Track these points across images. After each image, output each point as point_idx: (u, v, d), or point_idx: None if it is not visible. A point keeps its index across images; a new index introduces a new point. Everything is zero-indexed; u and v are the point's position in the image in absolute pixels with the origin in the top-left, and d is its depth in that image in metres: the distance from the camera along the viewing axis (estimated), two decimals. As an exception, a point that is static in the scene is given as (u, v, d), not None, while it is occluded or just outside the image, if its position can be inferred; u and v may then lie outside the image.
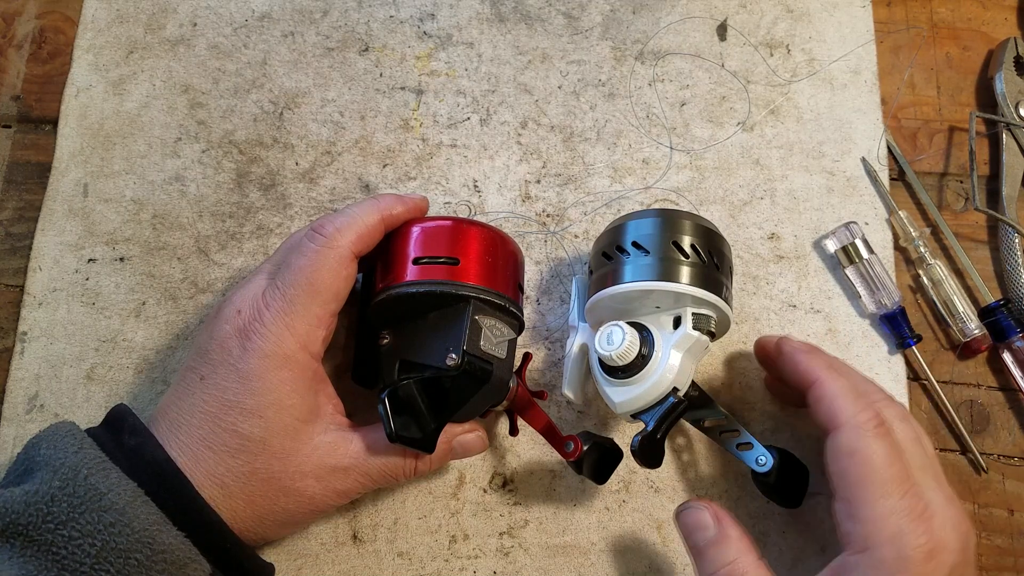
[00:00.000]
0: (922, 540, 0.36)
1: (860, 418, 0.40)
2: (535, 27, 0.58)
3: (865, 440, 0.39)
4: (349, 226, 0.42)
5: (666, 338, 0.44)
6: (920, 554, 0.36)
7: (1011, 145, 0.56)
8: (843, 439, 0.40)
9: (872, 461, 0.38)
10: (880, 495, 0.38)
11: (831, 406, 0.41)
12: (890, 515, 0.37)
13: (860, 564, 0.37)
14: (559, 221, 0.54)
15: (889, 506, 0.37)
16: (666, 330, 0.44)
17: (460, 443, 0.45)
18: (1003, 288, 0.54)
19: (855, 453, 0.39)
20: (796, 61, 0.57)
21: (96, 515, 0.35)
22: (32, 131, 0.55)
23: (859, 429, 0.39)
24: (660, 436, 0.43)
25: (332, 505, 0.42)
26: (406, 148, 0.55)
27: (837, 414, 0.40)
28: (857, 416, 0.40)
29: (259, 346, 0.40)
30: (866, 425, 0.39)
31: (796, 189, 0.54)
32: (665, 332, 0.44)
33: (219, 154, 0.54)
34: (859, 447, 0.39)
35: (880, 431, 0.39)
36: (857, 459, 0.39)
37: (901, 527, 0.37)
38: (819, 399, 0.42)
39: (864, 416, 0.40)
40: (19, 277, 0.52)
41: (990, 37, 0.59)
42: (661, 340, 0.44)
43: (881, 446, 0.39)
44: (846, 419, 0.40)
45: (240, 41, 0.57)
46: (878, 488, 0.38)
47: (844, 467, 0.39)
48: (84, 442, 0.37)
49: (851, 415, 0.40)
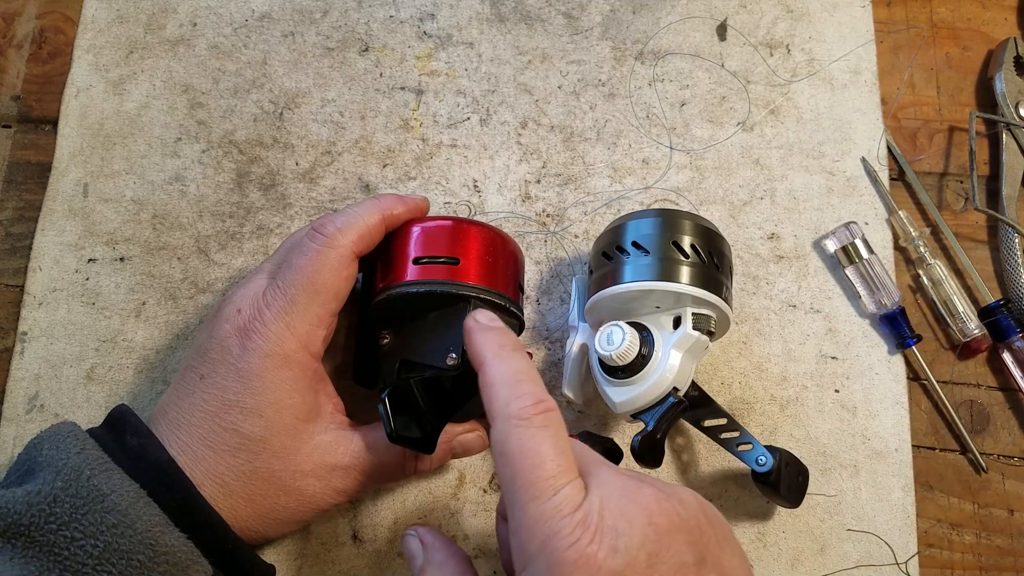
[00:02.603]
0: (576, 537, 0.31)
1: (511, 408, 0.33)
2: (535, 27, 0.58)
3: (515, 434, 0.33)
4: (350, 226, 0.42)
5: (666, 338, 0.44)
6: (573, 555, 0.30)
7: (1011, 145, 0.56)
8: (495, 436, 0.33)
9: (522, 458, 0.32)
10: (531, 497, 0.32)
11: (487, 397, 0.35)
12: (541, 519, 0.31)
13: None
14: (559, 221, 0.54)
15: (540, 509, 0.31)
16: (666, 330, 0.44)
17: (460, 443, 0.45)
18: (1003, 288, 0.54)
19: (504, 453, 0.33)
20: (796, 61, 0.57)
21: (99, 516, 0.35)
22: (32, 131, 0.55)
23: (509, 420, 0.33)
24: (660, 436, 0.43)
25: (332, 504, 0.42)
26: (406, 148, 0.55)
27: (490, 405, 0.34)
28: (508, 406, 0.33)
29: (259, 345, 0.40)
30: (519, 414, 0.33)
31: (796, 189, 0.54)
32: (665, 332, 0.44)
33: (219, 154, 0.54)
34: (509, 443, 0.33)
35: (538, 421, 0.33)
36: (507, 459, 0.33)
37: (551, 530, 0.31)
38: (481, 387, 0.35)
39: (516, 405, 0.33)
40: (19, 277, 0.52)
41: (990, 37, 0.59)
42: (661, 340, 0.44)
43: (534, 439, 0.33)
44: (497, 410, 0.34)
45: (240, 41, 0.57)
46: (530, 490, 0.32)
47: (499, 471, 0.33)
48: (86, 443, 0.37)
49: (502, 405, 0.34)
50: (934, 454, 0.51)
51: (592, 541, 0.31)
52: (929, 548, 0.49)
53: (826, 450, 0.49)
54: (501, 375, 0.35)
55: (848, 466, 0.49)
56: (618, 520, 0.31)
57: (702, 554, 0.32)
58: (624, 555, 0.31)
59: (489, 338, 0.37)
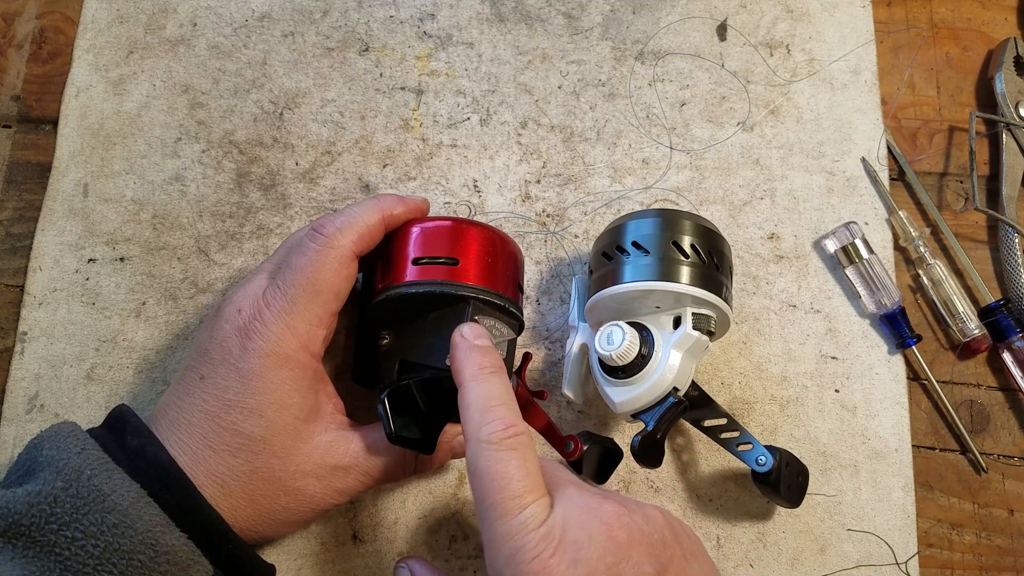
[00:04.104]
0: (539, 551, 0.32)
1: (482, 432, 0.35)
2: (535, 27, 0.58)
3: (484, 457, 0.35)
4: (350, 226, 0.42)
5: (666, 338, 0.44)
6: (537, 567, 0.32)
7: (1011, 145, 0.56)
8: (468, 457, 0.35)
9: (490, 480, 0.34)
10: (498, 516, 0.33)
11: (463, 418, 0.37)
12: (508, 535, 0.33)
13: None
14: (559, 221, 0.54)
15: (507, 526, 0.33)
16: (666, 330, 0.44)
17: (460, 443, 0.45)
18: (1003, 288, 0.54)
19: (475, 473, 0.35)
20: (796, 61, 0.57)
21: (99, 516, 0.35)
22: (32, 131, 0.55)
23: (480, 444, 0.35)
24: (660, 436, 0.43)
25: (333, 504, 0.42)
26: (406, 148, 0.55)
27: (464, 427, 0.36)
28: (480, 430, 0.35)
29: (260, 345, 0.40)
30: (489, 439, 0.35)
31: (796, 189, 0.54)
32: (665, 332, 0.44)
33: (219, 154, 0.54)
34: (479, 465, 0.35)
35: (506, 445, 0.35)
36: (477, 479, 0.35)
37: (516, 545, 0.33)
38: (459, 407, 0.37)
39: (488, 430, 0.35)
40: (19, 277, 0.52)
41: (990, 37, 0.59)
42: (661, 340, 0.44)
43: (502, 462, 0.34)
44: (470, 433, 0.36)
45: (240, 41, 0.57)
46: (497, 508, 0.34)
47: (472, 489, 0.35)
48: (87, 443, 0.37)
49: (475, 428, 0.36)
50: (934, 454, 0.51)
51: (554, 554, 0.33)
52: (929, 548, 0.49)
53: (826, 450, 0.49)
54: (476, 399, 0.37)
55: (848, 466, 0.49)
56: (579, 534, 0.33)
57: (664, 566, 0.34)
58: (584, 566, 0.33)
59: (471, 358, 0.38)
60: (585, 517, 0.34)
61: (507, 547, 0.33)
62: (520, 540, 0.33)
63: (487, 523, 0.34)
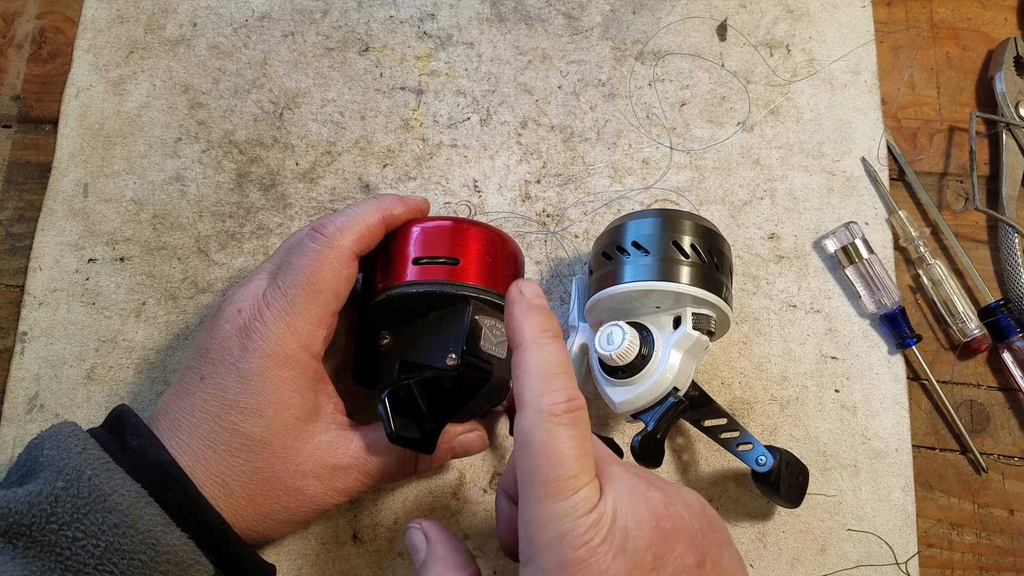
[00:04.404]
0: (589, 537, 0.31)
1: (543, 401, 0.33)
2: (535, 27, 0.58)
3: (542, 428, 0.33)
4: (350, 226, 0.42)
5: (666, 338, 0.44)
6: (585, 553, 0.31)
7: (1011, 145, 0.56)
8: (521, 424, 0.33)
9: (546, 455, 0.32)
10: (549, 494, 0.32)
11: (519, 383, 0.34)
12: (556, 516, 0.32)
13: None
14: (559, 221, 0.54)
15: (557, 507, 0.32)
16: (666, 330, 0.44)
17: (460, 443, 0.45)
18: (1003, 288, 0.54)
19: (528, 444, 0.33)
20: (796, 61, 0.57)
21: (100, 516, 0.35)
22: (32, 131, 0.55)
23: (539, 414, 0.33)
24: (660, 436, 0.43)
25: (333, 504, 0.42)
26: (406, 148, 0.55)
27: (521, 393, 0.34)
28: (541, 399, 0.33)
29: (260, 346, 0.40)
30: (550, 410, 0.33)
31: (796, 189, 0.54)
32: (665, 332, 0.44)
33: (219, 154, 0.54)
34: (534, 436, 0.33)
35: (566, 419, 0.33)
36: (530, 451, 0.33)
37: (564, 528, 0.31)
38: (514, 369, 0.35)
39: (549, 400, 0.33)
40: (19, 277, 0.52)
41: (990, 37, 0.59)
42: (661, 340, 0.44)
43: (560, 438, 0.32)
44: (528, 400, 0.33)
45: (240, 41, 0.57)
46: (549, 487, 0.32)
47: (519, 459, 0.33)
48: (87, 443, 0.37)
49: (534, 396, 0.33)
50: (934, 454, 0.51)
51: (603, 542, 0.32)
52: (929, 548, 0.49)
53: (826, 450, 0.49)
54: (538, 364, 0.34)
55: (848, 466, 0.49)
56: (628, 522, 0.32)
57: (703, 556, 0.33)
58: (631, 556, 0.32)
59: (532, 319, 0.35)
60: (635, 504, 0.33)
61: (553, 529, 0.32)
62: (569, 524, 0.31)
63: (534, 499, 0.32)
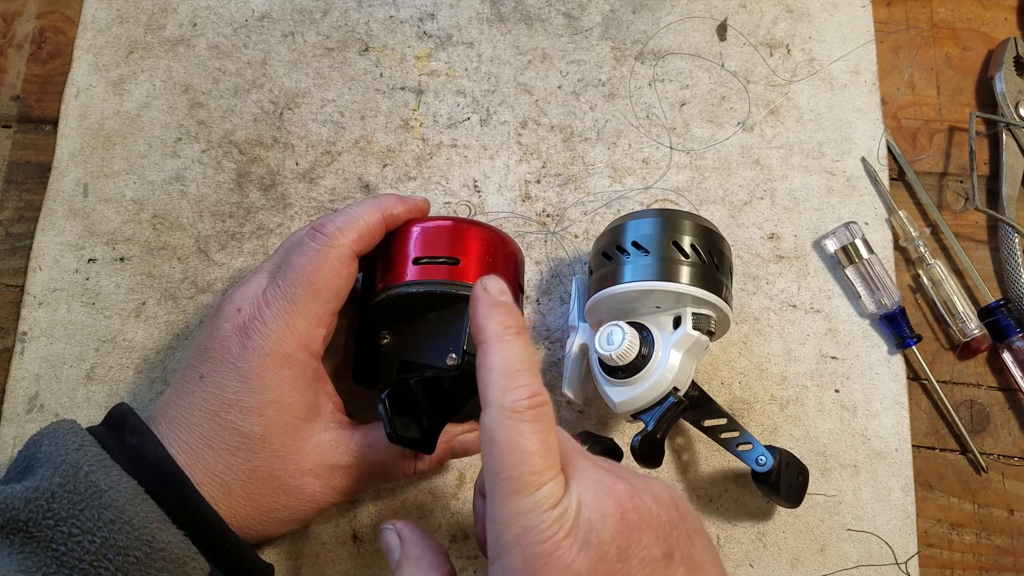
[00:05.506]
0: (553, 532, 0.31)
1: (506, 399, 0.33)
2: (535, 27, 0.58)
3: (505, 426, 0.33)
4: (350, 225, 0.42)
5: (666, 338, 0.44)
6: (549, 548, 0.31)
7: (1011, 145, 0.56)
8: (485, 423, 0.33)
9: (509, 452, 0.32)
10: (513, 491, 0.32)
11: (482, 381, 0.34)
12: (521, 512, 0.32)
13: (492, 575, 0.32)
14: (559, 221, 0.54)
15: (521, 503, 0.32)
16: (666, 330, 0.44)
17: (460, 443, 0.45)
18: (1003, 288, 0.54)
19: (492, 442, 0.33)
20: (796, 61, 0.57)
21: (96, 512, 0.35)
22: (32, 131, 0.55)
23: (502, 411, 0.33)
24: (660, 436, 0.43)
25: (332, 503, 0.42)
26: (406, 148, 0.55)
27: (485, 391, 0.34)
28: (503, 396, 0.33)
29: (259, 344, 0.40)
30: (512, 407, 0.33)
31: (796, 189, 0.54)
32: (665, 332, 0.44)
33: (219, 154, 0.54)
34: (498, 434, 0.33)
35: (529, 415, 0.33)
36: (494, 449, 0.33)
37: (529, 524, 0.32)
38: (478, 367, 0.35)
39: (511, 397, 0.33)
40: (19, 277, 0.52)
41: (990, 37, 0.59)
42: (661, 340, 0.44)
43: (523, 434, 0.33)
44: (491, 398, 0.34)
45: (240, 41, 0.57)
46: (513, 484, 0.32)
47: (484, 457, 0.33)
48: (85, 440, 0.37)
49: (497, 394, 0.33)
50: (934, 454, 0.51)
51: (568, 535, 0.32)
52: (929, 548, 0.49)
53: (826, 450, 0.49)
54: (501, 361, 0.34)
55: (848, 466, 0.49)
56: (593, 515, 0.32)
57: (671, 548, 0.33)
58: (596, 549, 0.32)
59: (495, 315, 0.36)
60: (599, 497, 0.33)
61: (519, 525, 0.32)
62: (534, 519, 0.32)
63: (500, 497, 0.32)
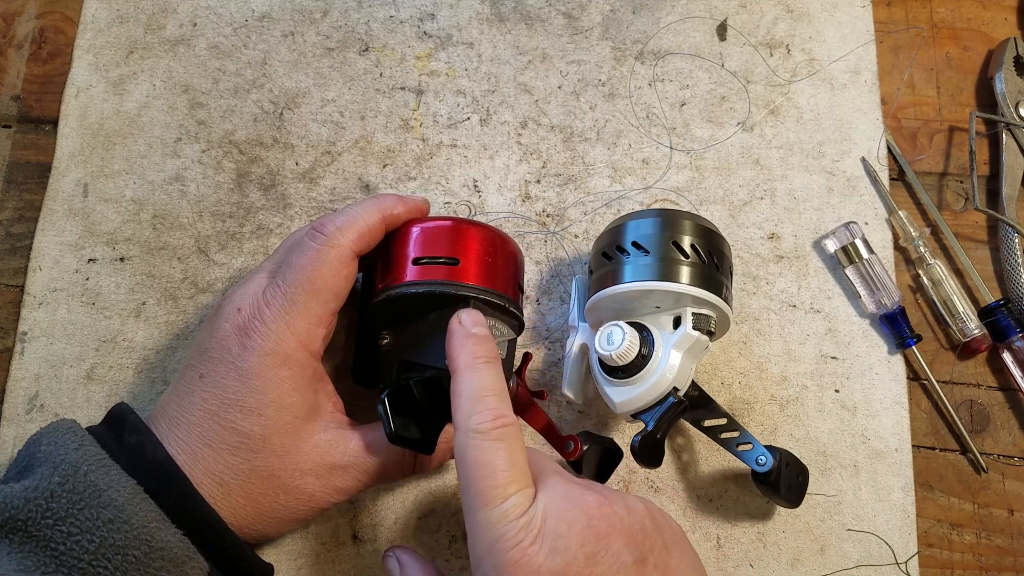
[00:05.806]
0: (519, 539, 0.33)
1: (471, 421, 0.36)
2: (535, 27, 0.58)
3: (472, 445, 0.35)
4: (350, 225, 0.42)
5: (666, 338, 0.44)
6: (516, 555, 0.33)
7: (1011, 145, 0.56)
8: (455, 445, 0.36)
9: (476, 469, 0.35)
10: (482, 504, 0.34)
11: (453, 406, 0.37)
12: (489, 524, 0.34)
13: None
14: (559, 221, 0.54)
15: (489, 515, 0.34)
16: (666, 330, 0.44)
17: (460, 443, 0.45)
18: (1003, 288, 0.54)
19: (462, 462, 0.36)
20: (796, 61, 0.57)
21: (95, 511, 0.35)
22: (32, 131, 0.55)
23: (468, 433, 0.36)
24: (660, 436, 0.43)
25: (332, 502, 0.42)
26: (406, 148, 0.55)
27: (455, 415, 0.37)
28: (469, 419, 0.36)
29: (259, 344, 0.40)
30: (477, 428, 0.36)
31: (796, 189, 0.54)
32: (665, 332, 0.44)
33: (219, 154, 0.54)
34: (466, 454, 0.35)
35: (494, 435, 0.36)
36: (463, 468, 0.36)
37: (497, 533, 0.34)
38: (451, 395, 0.38)
39: (476, 420, 0.36)
40: (19, 277, 0.52)
41: (990, 37, 0.59)
42: (661, 340, 0.44)
43: (488, 452, 0.35)
44: (459, 422, 0.37)
45: (240, 41, 0.57)
46: (481, 497, 0.34)
47: (459, 476, 0.36)
48: (84, 439, 0.37)
49: (464, 417, 0.36)
50: (934, 454, 0.51)
51: (534, 542, 0.33)
52: (929, 548, 0.49)
53: (826, 450, 0.49)
54: (468, 387, 0.37)
55: (848, 466, 0.49)
56: (559, 523, 0.34)
57: (644, 554, 0.35)
58: (563, 555, 0.33)
59: (466, 347, 0.39)
60: (566, 506, 0.35)
61: (488, 535, 0.34)
62: (501, 528, 0.34)
63: (470, 511, 0.35)
